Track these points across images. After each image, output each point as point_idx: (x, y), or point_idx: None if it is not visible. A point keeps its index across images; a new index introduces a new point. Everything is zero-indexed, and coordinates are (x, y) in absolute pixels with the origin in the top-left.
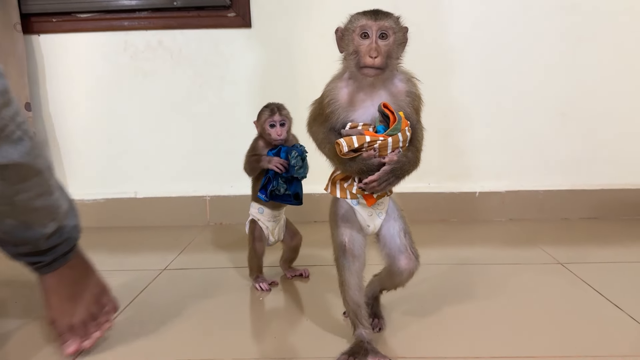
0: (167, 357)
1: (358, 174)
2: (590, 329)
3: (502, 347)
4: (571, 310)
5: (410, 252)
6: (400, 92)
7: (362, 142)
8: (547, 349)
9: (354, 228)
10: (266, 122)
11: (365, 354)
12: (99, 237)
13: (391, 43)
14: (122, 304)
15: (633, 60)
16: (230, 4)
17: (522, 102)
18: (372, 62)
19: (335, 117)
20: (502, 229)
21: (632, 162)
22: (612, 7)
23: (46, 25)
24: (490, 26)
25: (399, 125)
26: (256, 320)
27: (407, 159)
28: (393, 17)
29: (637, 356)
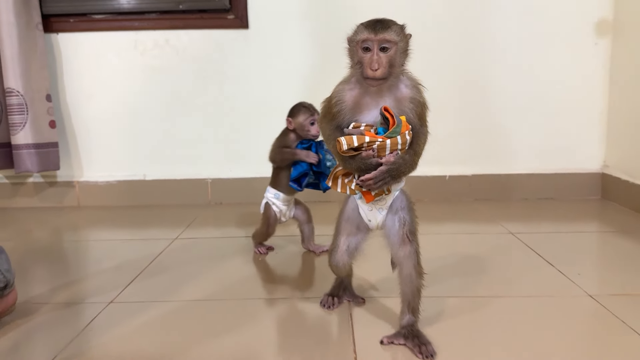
0: (190, 295)
1: (357, 171)
2: (521, 275)
3: (455, 285)
4: (509, 263)
5: (406, 237)
6: (404, 98)
7: (361, 141)
8: (486, 288)
9: (353, 230)
10: (307, 120)
11: (343, 293)
12: (113, 214)
13: (392, 54)
14: (144, 265)
15: (583, 60)
16: (230, 7)
17: (486, 96)
18: (373, 74)
19: (342, 117)
20: (468, 208)
21: (583, 150)
22: (564, 14)
23: (64, 25)
24: (460, 29)
25: (398, 128)
26: (258, 272)
27: (404, 161)
28: (394, 29)
29: (558, 296)
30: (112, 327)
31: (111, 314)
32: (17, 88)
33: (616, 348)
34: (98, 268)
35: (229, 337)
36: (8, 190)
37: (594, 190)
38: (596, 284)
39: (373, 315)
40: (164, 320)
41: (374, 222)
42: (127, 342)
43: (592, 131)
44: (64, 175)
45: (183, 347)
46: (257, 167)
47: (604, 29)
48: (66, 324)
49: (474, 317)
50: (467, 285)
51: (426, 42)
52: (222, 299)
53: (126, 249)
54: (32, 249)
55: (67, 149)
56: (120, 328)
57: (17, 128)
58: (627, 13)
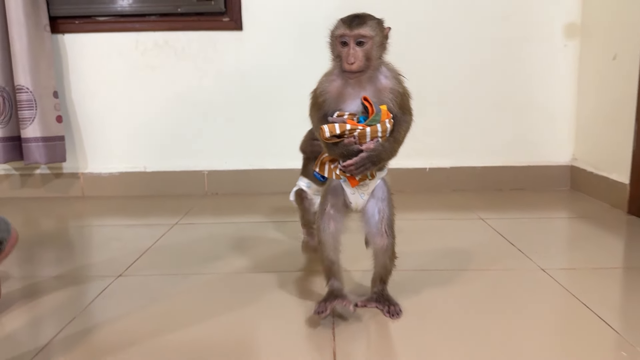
0: (191, 270)
1: (340, 157)
2: (484, 253)
3: (424, 260)
4: (474, 243)
5: (384, 230)
6: (384, 89)
7: (343, 129)
8: (451, 263)
9: (338, 200)
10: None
11: (335, 298)
12: (115, 203)
13: (368, 48)
14: (148, 245)
15: (554, 61)
16: (225, 10)
17: (464, 94)
18: (350, 68)
19: (327, 106)
20: (446, 198)
21: (553, 144)
22: (536, 18)
23: (70, 27)
24: (440, 31)
25: (377, 117)
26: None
27: (383, 148)
28: (370, 24)
29: (514, 269)
30: (122, 297)
31: (121, 286)
32: (27, 85)
33: (559, 311)
34: (105, 248)
35: (230, 309)
36: (17, 181)
37: (564, 182)
38: (549, 260)
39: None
40: (169, 293)
41: (354, 204)
42: (135, 313)
43: (561, 127)
44: (69, 167)
45: (187, 316)
46: (250, 159)
47: (572, 32)
48: (77, 295)
49: (438, 287)
50: (435, 261)
51: (408, 43)
52: (220, 272)
53: (130, 233)
54: (41, 234)
55: (72, 143)
56: (129, 298)
57: (27, 122)
58: (593, 17)
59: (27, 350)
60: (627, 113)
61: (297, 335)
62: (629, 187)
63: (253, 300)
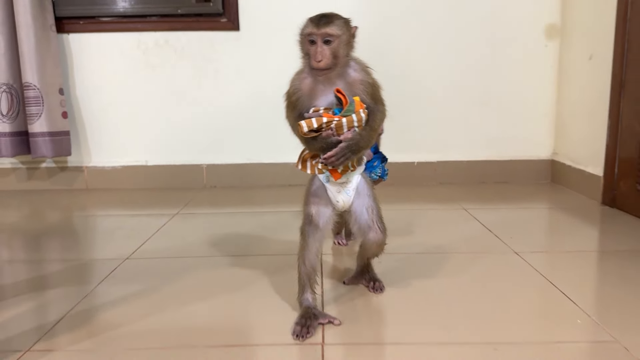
0: (193, 253)
1: (320, 151)
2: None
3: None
4: (454, 229)
5: (376, 226)
6: (355, 81)
7: (320, 122)
8: (431, 247)
9: (322, 203)
10: None
11: (315, 318)
12: (118, 195)
13: (335, 46)
14: (152, 232)
15: (535, 60)
16: (223, 12)
17: (450, 92)
18: (317, 65)
19: (301, 104)
20: (433, 190)
21: (535, 139)
22: (519, 20)
23: (75, 27)
24: (429, 33)
25: (351, 107)
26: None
27: (361, 136)
28: (337, 23)
29: (489, 253)
30: (130, 277)
31: (128, 267)
32: (34, 82)
33: (525, 287)
34: (110, 235)
35: (228, 289)
36: (23, 174)
37: (545, 175)
38: (522, 245)
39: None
40: (173, 274)
41: (341, 203)
42: (142, 292)
43: (542, 123)
44: (74, 161)
45: (188, 295)
46: (247, 154)
47: (553, 33)
48: (88, 276)
49: (420, 269)
50: (418, 245)
51: (398, 44)
52: (219, 256)
53: (133, 222)
54: (48, 224)
55: (77, 137)
56: (137, 279)
57: (34, 118)
58: (572, 20)
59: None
60: (601, 110)
61: (290, 314)
62: (603, 179)
63: (249, 282)
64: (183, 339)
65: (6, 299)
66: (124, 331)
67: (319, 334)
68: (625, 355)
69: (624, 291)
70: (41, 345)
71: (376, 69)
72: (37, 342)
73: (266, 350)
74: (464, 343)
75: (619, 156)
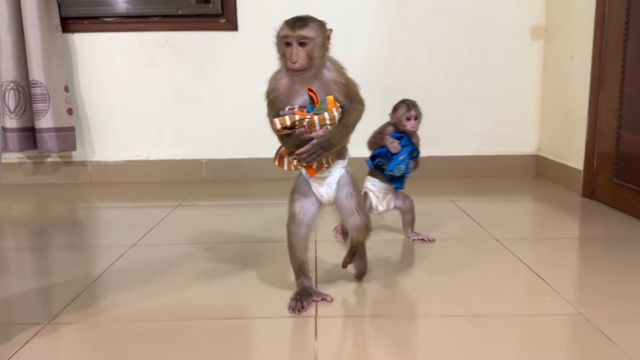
0: (197, 240)
1: (294, 147)
2: (446, 226)
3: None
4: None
5: (356, 211)
6: (329, 81)
7: (292, 120)
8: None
9: (307, 199)
10: (403, 116)
11: (309, 295)
12: (121, 189)
13: (310, 48)
14: (156, 222)
15: (521, 59)
16: (222, 13)
17: (439, 90)
18: (293, 66)
19: (279, 102)
20: (421, 183)
21: (520, 135)
22: (506, 20)
23: (79, 27)
24: (420, 33)
25: (323, 105)
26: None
27: (332, 134)
28: (311, 25)
29: (470, 239)
30: (137, 262)
31: (135, 253)
32: (41, 80)
33: (505, 270)
34: (117, 225)
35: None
36: (29, 169)
37: (530, 170)
38: (503, 232)
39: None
40: (177, 259)
41: (326, 197)
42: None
43: (527, 119)
44: (78, 156)
45: (192, 279)
46: (245, 149)
47: (538, 33)
48: (97, 260)
49: (405, 252)
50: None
51: (387, 43)
52: (219, 242)
53: (138, 213)
54: (55, 216)
55: (81, 133)
56: (143, 263)
57: (41, 114)
58: (557, 20)
59: (63, 299)
60: (581, 107)
61: (286, 295)
62: (583, 173)
63: (248, 267)
64: (186, 313)
65: (26, 278)
66: (132, 307)
67: (313, 308)
68: (586, 325)
69: (593, 272)
70: (61, 319)
71: (370, 69)
72: (57, 315)
73: (263, 321)
74: (442, 316)
75: (597, 151)
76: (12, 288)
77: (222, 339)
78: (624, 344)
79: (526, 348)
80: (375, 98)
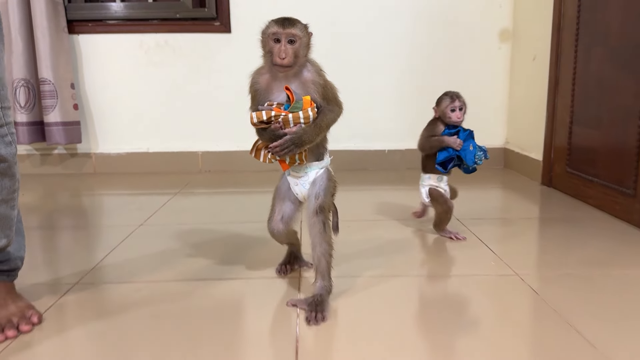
0: (197, 220)
1: (268, 141)
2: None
3: (368, 212)
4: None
5: (315, 211)
6: (307, 81)
7: (269, 115)
8: (391, 215)
9: (286, 196)
10: (447, 108)
11: (294, 261)
12: (123, 179)
13: (297, 47)
14: (158, 206)
15: (490, 61)
16: (216, 16)
17: (416, 88)
18: (281, 62)
19: (259, 97)
20: (401, 174)
21: (489, 130)
22: (476, 24)
23: (84, 28)
24: (396, 37)
25: (298, 104)
26: (239, 211)
27: (304, 131)
28: (299, 26)
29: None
30: (145, 239)
31: (143, 232)
32: (49, 78)
33: (459, 243)
34: (123, 209)
35: (222, 250)
36: (37, 160)
37: (499, 162)
38: (465, 214)
39: None
40: (180, 237)
41: (300, 195)
42: (156, 252)
43: (497, 116)
44: (83, 148)
45: (193, 251)
46: (238, 142)
47: (505, 36)
48: (107, 238)
49: (379, 229)
50: (380, 215)
51: (368, 47)
52: (216, 223)
53: (141, 199)
54: (64, 202)
55: (86, 127)
56: (151, 240)
57: (49, 109)
58: (523, 24)
59: (85, 267)
60: (542, 104)
61: (275, 264)
62: (542, 164)
63: (242, 242)
64: (187, 275)
65: (53, 250)
66: (143, 271)
67: (298, 272)
68: (519, 282)
69: (538, 245)
70: (85, 280)
71: (352, 70)
72: (81, 279)
73: (255, 281)
74: (402, 275)
75: (554, 144)
76: (42, 257)
77: (220, 295)
78: (546, 295)
79: (467, 299)
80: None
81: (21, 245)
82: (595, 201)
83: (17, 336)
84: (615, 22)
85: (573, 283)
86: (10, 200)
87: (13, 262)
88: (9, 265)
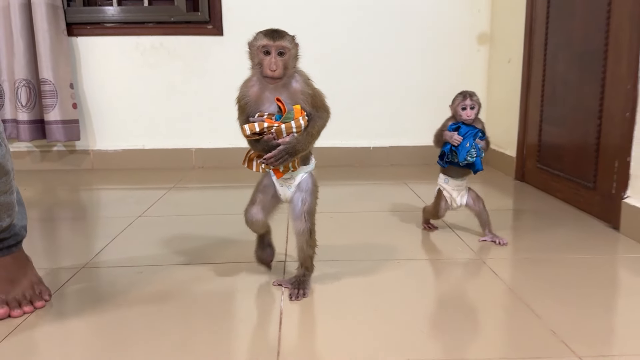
0: (192, 212)
1: (262, 152)
2: (395, 200)
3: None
4: (391, 195)
5: (303, 217)
6: (296, 92)
7: (261, 127)
8: (372, 207)
9: (268, 195)
10: (459, 106)
11: (269, 249)
12: (120, 175)
13: (287, 58)
14: (154, 200)
15: (469, 62)
16: (209, 20)
17: (399, 89)
18: (272, 74)
19: (249, 108)
20: (385, 170)
21: None
22: (456, 28)
23: (83, 31)
24: (380, 41)
25: (290, 115)
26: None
27: (298, 141)
28: (288, 38)
29: (412, 211)
30: (144, 229)
31: (142, 223)
32: (49, 78)
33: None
34: (121, 202)
35: (216, 238)
36: (37, 157)
37: None
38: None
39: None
40: (176, 227)
41: (283, 196)
42: (154, 237)
43: None
44: (81, 145)
45: (188, 238)
46: (230, 139)
47: (484, 39)
48: (107, 228)
49: (360, 220)
50: (363, 207)
51: (352, 49)
52: (209, 215)
53: (138, 193)
54: (64, 197)
55: (84, 125)
56: (149, 231)
57: (50, 108)
58: (500, 27)
59: (90, 252)
60: (516, 104)
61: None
62: (515, 160)
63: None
64: (183, 259)
65: (56, 239)
66: (144, 256)
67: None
68: (481, 265)
69: (503, 233)
70: (92, 264)
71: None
72: (88, 262)
73: (245, 264)
74: (375, 260)
75: (526, 141)
76: (43, 246)
77: (213, 276)
78: (504, 276)
79: (433, 279)
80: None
81: (23, 215)
82: (562, 194)
83: (33, 311)
84: (579, 30)
85: (530, 267)
86: (9, 190)
87: (19, 234)
88: (15, 239)
